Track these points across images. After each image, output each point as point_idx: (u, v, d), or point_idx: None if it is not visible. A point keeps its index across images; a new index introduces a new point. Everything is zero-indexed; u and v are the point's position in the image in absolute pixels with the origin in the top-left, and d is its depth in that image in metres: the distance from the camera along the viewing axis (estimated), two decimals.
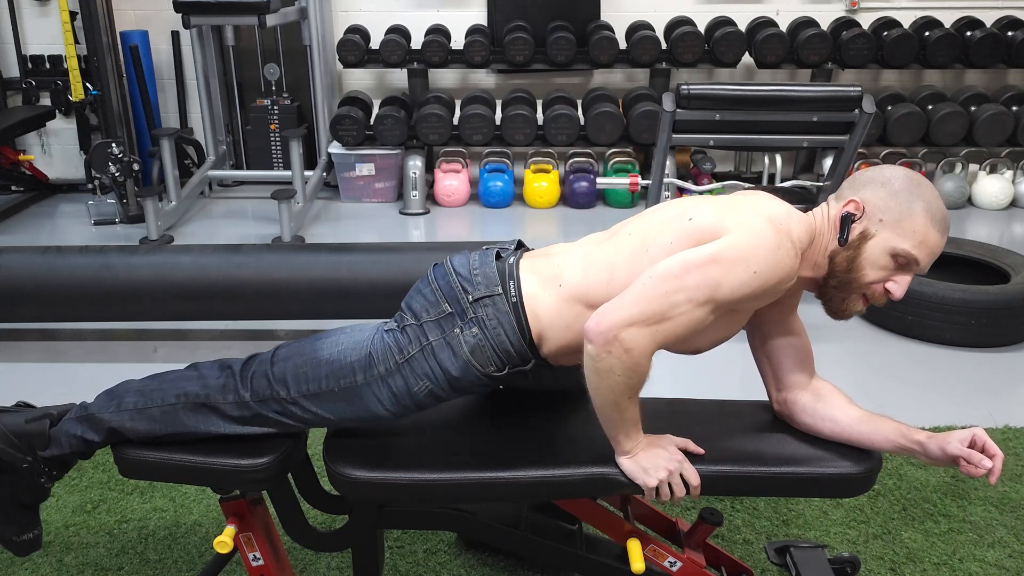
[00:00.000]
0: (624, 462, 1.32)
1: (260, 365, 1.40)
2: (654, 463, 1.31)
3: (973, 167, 4.54)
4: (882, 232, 1.28)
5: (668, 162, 3.73)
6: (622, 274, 1.31)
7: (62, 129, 4.78)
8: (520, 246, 1.51)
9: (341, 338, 1.40)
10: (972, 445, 1.31)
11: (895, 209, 1.28)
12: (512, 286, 1.35)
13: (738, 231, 1.24)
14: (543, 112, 4.52)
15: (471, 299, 1.34)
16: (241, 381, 1.39)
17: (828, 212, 1.35)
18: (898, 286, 1.29)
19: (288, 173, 4.37)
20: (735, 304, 1.26)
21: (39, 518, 1.53)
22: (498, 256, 1.41)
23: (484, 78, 4.87)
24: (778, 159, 4.36)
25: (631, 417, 1.29)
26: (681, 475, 1.32)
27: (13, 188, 4.71)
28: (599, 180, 3.92)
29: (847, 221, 1.30)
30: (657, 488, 1.31)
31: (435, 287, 1.38)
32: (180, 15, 3.97)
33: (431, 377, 1.34)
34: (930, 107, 4.43)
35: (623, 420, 1.28)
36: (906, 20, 4.60)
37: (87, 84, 4.40)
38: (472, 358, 1.33)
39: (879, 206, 1.29)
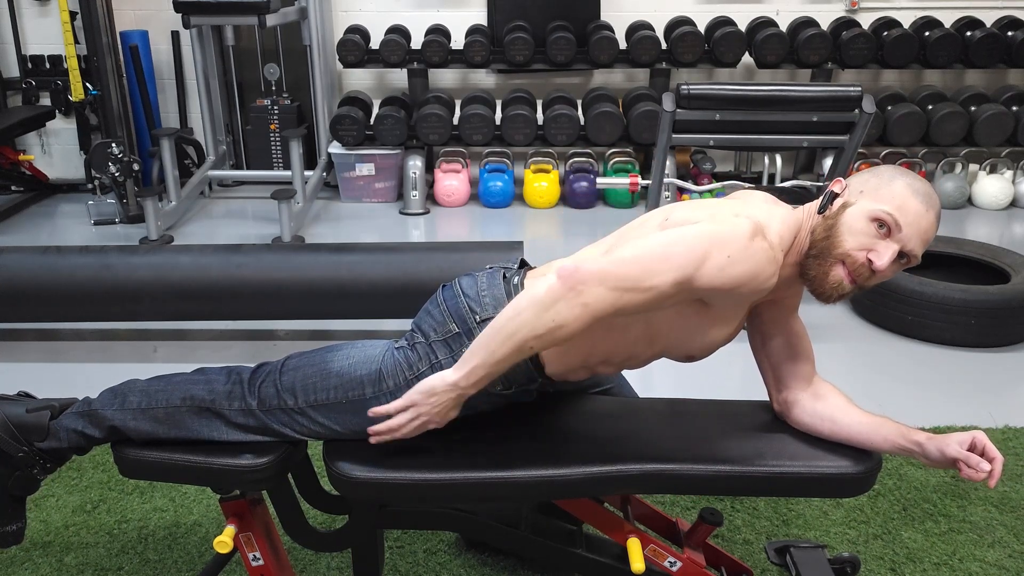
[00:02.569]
0: (435, 380, 1.27)
1: (269, 375, 1.41)
2: (434, 405, 1.27)
3: (973, 167, 4.54)
4: (861, 201, 1.28)
5: (668, 162, 3.73)
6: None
7: (62, 129, 4.78)
8: (523, 265, 1.51)
9: (352, 352, 1.40)
10: (972, 448, 1.30)
11: (874, 183, 1.29)
12: None
13: (714, 221, 1.26)
14: (543, 112, 4.52)
15: (478, 319, 1.35)
16: (249, 389, 1.39)
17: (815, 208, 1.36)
18: (879, 254, 1.24)
19: (288, 173, 4.37)
20: (709, 291, 1.24)
21: (25, 511, 1.53)
22: (504, 277, 1.41)
23: (484, 78, 4.87)
24: (778, 159, 4.37)
25: (497, 361, 1.22)
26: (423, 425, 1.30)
27: (13, 188, 4.71)
28: (599, 180, 3.93)
29: (831, 195, 1.32)
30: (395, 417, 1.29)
31: (443, 308, 1.39)
32: (180, 15, 3.97)
33: None
34: (930, 107, 4.43)
35: (490, 355, 1.22)
36: (906, 20, 4.60)
37: (87, 84, 4.40)
38: None
39: (860, 181, 1.31)
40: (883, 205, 1.25)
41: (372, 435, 1.31)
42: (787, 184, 3.61)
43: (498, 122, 4.40)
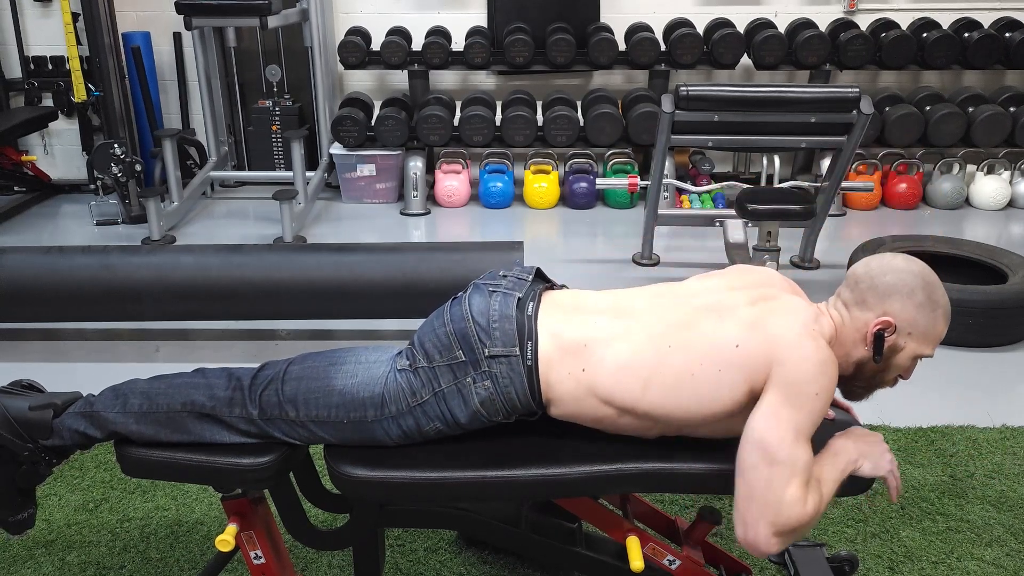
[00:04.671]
0: (861, 470, 1.35)
1: (271, 383, 1.40)
2: (874, 450, 1.36)
3: (971, 168, 4.55)
4: (910, 344, 1.34)
5: (667, 163, 3.74)
6: (657, 394, 1.30)
7: (64, 130, 4.79)
8: (539, 276, 1.48)
9: (356, 369, 1.39)
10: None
11: (922, 323, 1.34)
12: (529, 347, 1.33)
13: (788, 365, 1.25)
14: (543, 113, 4.54)
15: (487, 353, 1.33)
16: (250, 396, 1.39)
17: (846, 314, 1.35)
18: (911, 372, 1.40)
19: (289, 174, 4.38)
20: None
21: (34, 498, 1.54)
22: (518, 303, 1.37)
23: (484, 79, 4.89)
24: (776, 160, 4.38)
25: (835, 473, 1.31)
26: None
27: (16, 189, 4.72)
28: (598, 181, 3.94)
29: (881, 340, 1.33)
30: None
31: (450, 330, 1.36)
32: (182, 16, 3.98)
33: (442, 419, 1.36)
34: (928, 108, 4.44)
35: (839, 480, 1.32)
36: (904, 21, 4.61)
37: (89, 85, 4.42)
38: (481, 408, 1.34)
39: (908, 320, 1.33)
40: (928, 349, 1.36)
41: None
42: (785, 185, 3.62)
43: (498, 123, 4.41)
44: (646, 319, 1.36)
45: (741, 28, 4.53)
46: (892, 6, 4.71)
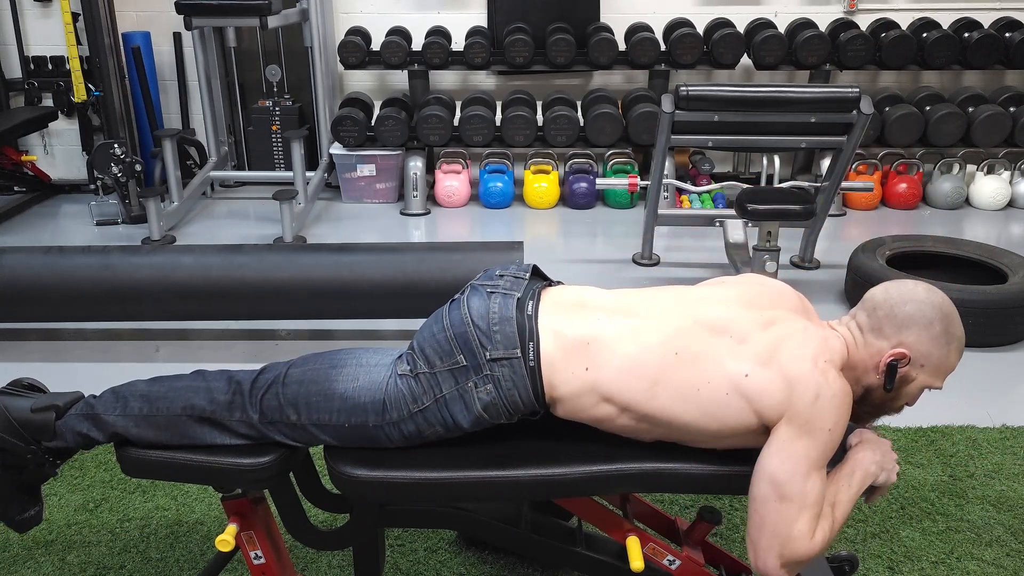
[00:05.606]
0: (876, 481, 1.35)
1: (271, 386, 1.39)
2: (887, 460, 1.36)
3: (971, 168, 4.55)
4: (921, 375, 1.34)
5: (667, 163, 3.74)
6: (664, 399, 1.30)
7: (64, 130, 4.79)
8: (535, 273, 1.47)
9: (357, 372, 1.38)
10: None
11: (936, 355, 1.33)
12: (531, 348, 1.31)
13: (801, 402, 1.25)
14: (543, 113, 4.54)
15: (488, 357, 1.31)
16: (250, 400, 1.39)
17: (860, 338, 1.35)
18: (916, 400, 1.39)
19: (289, 174, 4.39)
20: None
21: (41, 494, 1.55)
22: (518, 304, 1.35)
23: (484, 79, 4.89)
24: (776, 160, 4.39)
25: (851, 494, 1.32)
26: None
27: (16, 189, 4.72)
28: (598, 181, 3.94)
29: (894, 370, 1.32)
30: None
31: (450, 335, 1.34)
32: (182, 16, 3.98)
33: (443, 424, 1.35)
34: (928, 108, 4.44)
35: (855, 498, 1.32)
36: (904, 21, 4.61)
37: (89, 85, 4.42)
38: (484, 413, 1.34)
39: (922, 352, 1.32)
40: (938, 382, 1.35)
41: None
42: (785, 185, 3.62)
43: (498, 123, 4.41)
44: (654, 321, 1.35)
45: (741, 28, 4.53)
46: (892, 6, 4.72)
